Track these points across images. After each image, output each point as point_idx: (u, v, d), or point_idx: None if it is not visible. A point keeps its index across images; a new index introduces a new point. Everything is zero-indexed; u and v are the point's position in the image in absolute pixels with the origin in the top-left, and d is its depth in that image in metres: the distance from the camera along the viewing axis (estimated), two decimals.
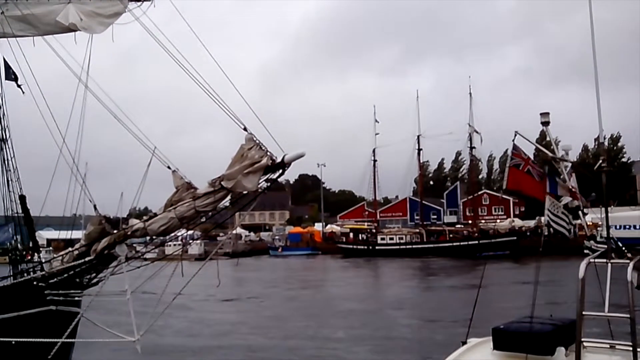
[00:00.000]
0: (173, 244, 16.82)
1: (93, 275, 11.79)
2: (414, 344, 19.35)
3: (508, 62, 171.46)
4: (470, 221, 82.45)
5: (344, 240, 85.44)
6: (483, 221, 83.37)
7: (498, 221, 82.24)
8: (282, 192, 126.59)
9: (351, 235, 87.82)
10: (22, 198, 13.91)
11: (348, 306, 28.70)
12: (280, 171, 10.67)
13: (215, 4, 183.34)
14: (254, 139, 10.61)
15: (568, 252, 25.14)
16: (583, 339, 5.09)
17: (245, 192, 10.80)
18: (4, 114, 14.15)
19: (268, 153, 10.50)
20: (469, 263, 53.66)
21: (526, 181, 7.41)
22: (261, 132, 10.74)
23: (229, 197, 10.91)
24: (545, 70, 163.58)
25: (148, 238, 11.58)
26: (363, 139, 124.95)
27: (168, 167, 11.37)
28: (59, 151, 12.05)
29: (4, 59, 13.91)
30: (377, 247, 77.52)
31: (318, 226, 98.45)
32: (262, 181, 10.72)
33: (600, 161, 5.70)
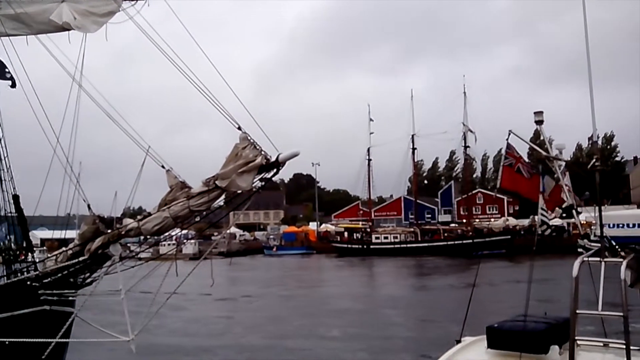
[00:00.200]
0: (167, 244, 16.77)
1: (87, 275, 11.72)
2: (409, 343, 19.37)
3: (503, 62, 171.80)
4: (464, 220, 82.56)
5: (339, 239, 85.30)
6: (477, 220, 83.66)
7: (492, 220, 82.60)
8: (277, 192, 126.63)
9: (346, 234, 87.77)
10: (16, 197, 13.79)
11: (343, 305, 28.70)
12: (274, 170, 10.63)
13: (210, 4, 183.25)
14: (249, 138, 10.56)
15: (562, 251, 25.34)
16: (577, 338, 5.11)
17: (239, 192, 10.78)
18: None
19: (262, 152, 10.45)
20: (464, 262, 53.80)
21: (519, 180, 7.44)
22: (256, 132, 10.72)
23: (223, 197, 10.88)
24: (540, 69, 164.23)
25: (142, 237, 11.53)
26: (358, 138, 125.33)
27: (162, 167, 11.33)
28: (53, 150, 11.96)
29: None
30: (372, 246, 77.50)
31: (313, 225, 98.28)
32: (257, 180, 10.67)
33: (593, 160, 5.71)
